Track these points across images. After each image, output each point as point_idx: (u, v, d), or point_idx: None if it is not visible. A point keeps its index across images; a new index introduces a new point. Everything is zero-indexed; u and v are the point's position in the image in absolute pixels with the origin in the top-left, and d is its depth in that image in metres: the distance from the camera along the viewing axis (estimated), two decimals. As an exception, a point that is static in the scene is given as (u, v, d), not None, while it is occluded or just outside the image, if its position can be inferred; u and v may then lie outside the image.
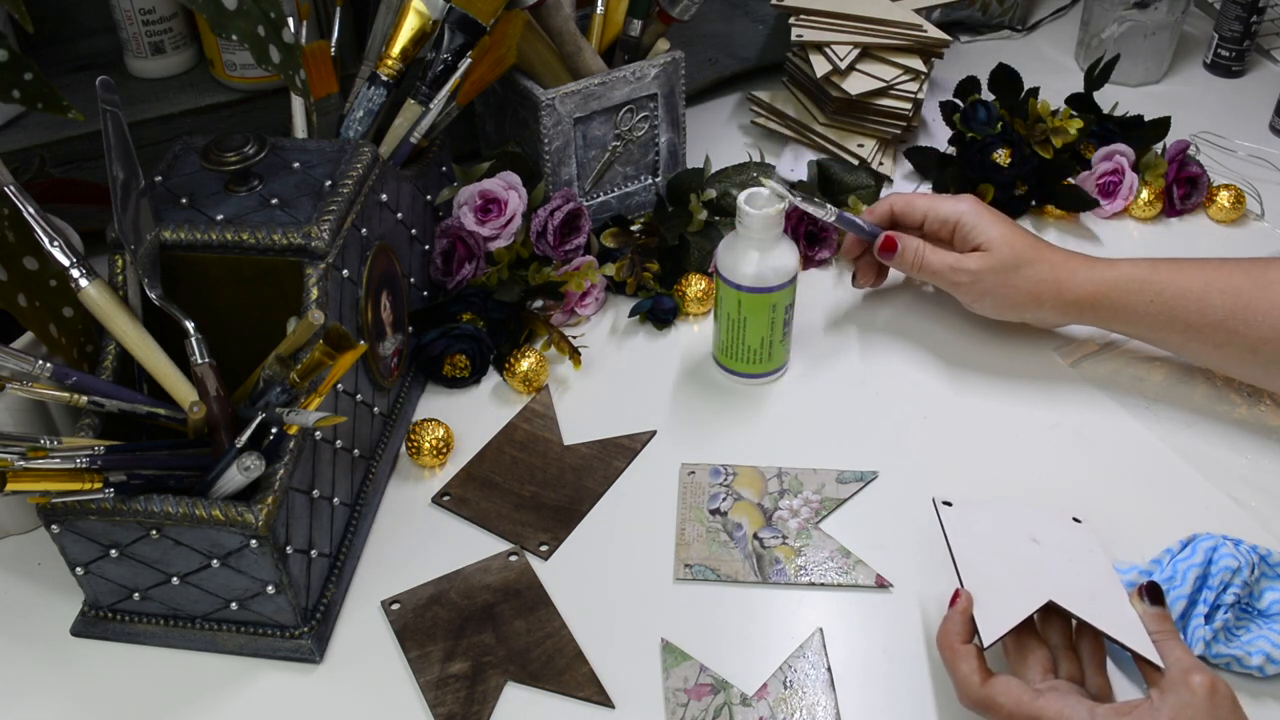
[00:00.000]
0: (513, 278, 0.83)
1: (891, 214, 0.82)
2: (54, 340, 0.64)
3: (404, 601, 0.66)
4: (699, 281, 0.86)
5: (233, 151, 0.65)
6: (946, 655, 0.58)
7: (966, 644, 0.57)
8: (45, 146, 0.85)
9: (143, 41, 0.90)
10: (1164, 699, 0.53)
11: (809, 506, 0.71)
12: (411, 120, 0.78)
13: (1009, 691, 0.55)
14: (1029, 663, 0.58)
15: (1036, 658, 0.58)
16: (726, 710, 0.60)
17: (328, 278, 0.64)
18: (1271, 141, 1.05)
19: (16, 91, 0.61)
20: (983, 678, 0.56)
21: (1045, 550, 0.62)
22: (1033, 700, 0.54)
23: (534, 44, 0.84)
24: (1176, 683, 0.54)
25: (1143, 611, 0.58)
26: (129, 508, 0.58)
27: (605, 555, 0.69)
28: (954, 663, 0.57)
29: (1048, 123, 0.94)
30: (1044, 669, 0.57)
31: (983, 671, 0.56)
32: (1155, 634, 0.57)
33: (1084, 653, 0.59)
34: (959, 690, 0.57)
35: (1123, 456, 0.74)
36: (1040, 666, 0.57)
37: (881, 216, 0.82)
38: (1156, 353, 0.81)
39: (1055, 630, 0.60)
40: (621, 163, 0.91)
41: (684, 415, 0.79)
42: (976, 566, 0.61)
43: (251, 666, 0.64)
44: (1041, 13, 1.26)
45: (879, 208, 0.83)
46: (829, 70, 0.96)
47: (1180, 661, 0.55)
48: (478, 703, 0.61)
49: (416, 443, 0.74)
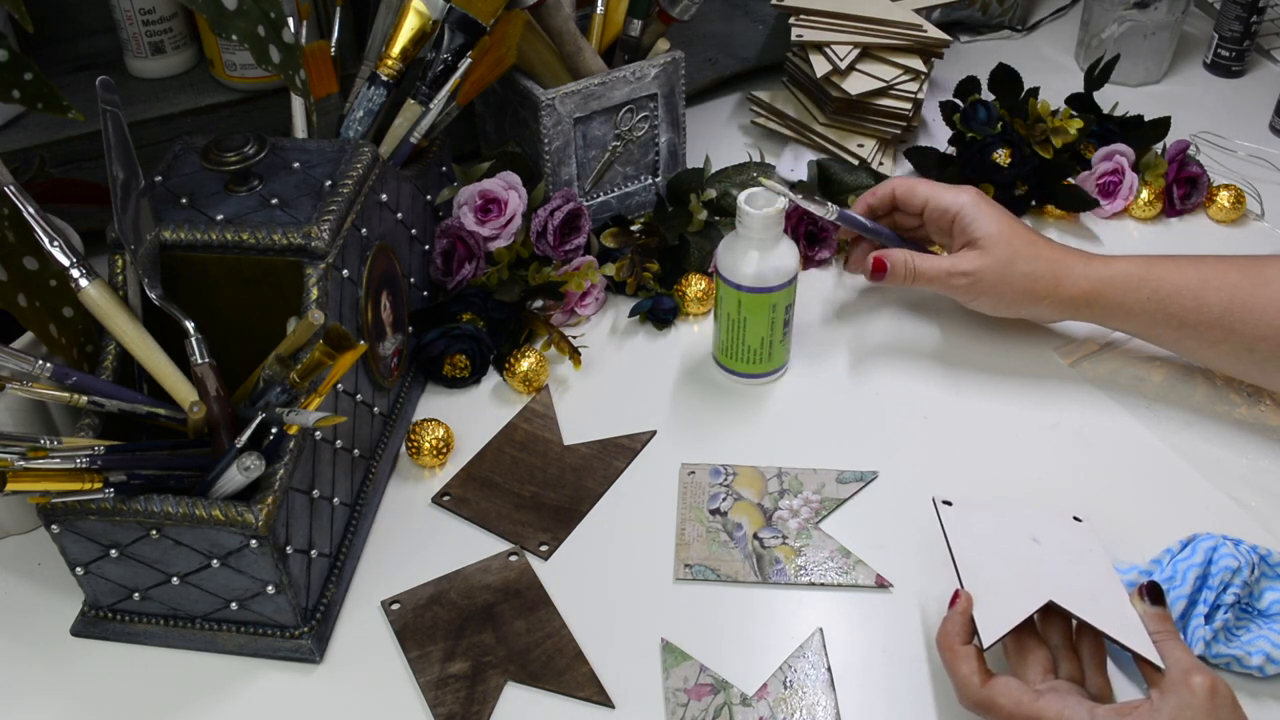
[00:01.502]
0: (513, 278, 0.83)
1: (893, 197, 0.82)
2: (54, 340, 0.64)
3: (404, 601, 0.66)
4: (699, 281, 0.86)
5: (233, 151, 0.65)
6: (946, 656, 0.57)
7: (966, 645, 0.57)
8: (45, 146, 0.85)
9: (143, 41, 0.90)
10: (1164, 699, 0.53)
11: (809, 506, 0.71)
12: (411, 120, 0.78)
13: (1009, 692, 0.55)
14: (1029, 663, 0.58)
15: (1036, 658, 0.58)
16: (726, 710, 0.60)
17: (328, 278, 0.64)
18: (1271, 141, 1.05)
19: (16, 91, 0.61)
20: (983, 679, 0.56)
21: (1045, 550, 0.62)
22: (1033, 701, 0.54)
23: (534, 44, 0.84)
24: (1177, 683, 0.54)
25: (1143, 611, 0.58)
26: (129, 508, 0.58)
27: (605, 555, 0.69)
28: (954, 664, 0.57)
29: (1048, 123, 0.94)
30: (1044, 669, 0.57)
31: (983, 672, 0.56)
32: (1155, 634, 0.57)
33: (1084, 653, 0.59)
34: (959, 691, 0.56)
35: (1123, 456, 0.74)
36: (1040, 667, 0.57)
37: (883, 199, 0.83)
38: (1157, 352, 0.81)
39: (1055, 630, 0.60)
40: (621, 163, 0.91)
41: (684, 415, 0.79)
42: (976, 567, 0.61)
43: (251, 666, 0.64)
44: (1041, 13, 1.26)
45: (881, 189, 0.83)
46: (829, 70, 0.96)
47: (1180, 662, 0.55)
48: (478, 703, 0.61)
49: (416, 443, 0.74)
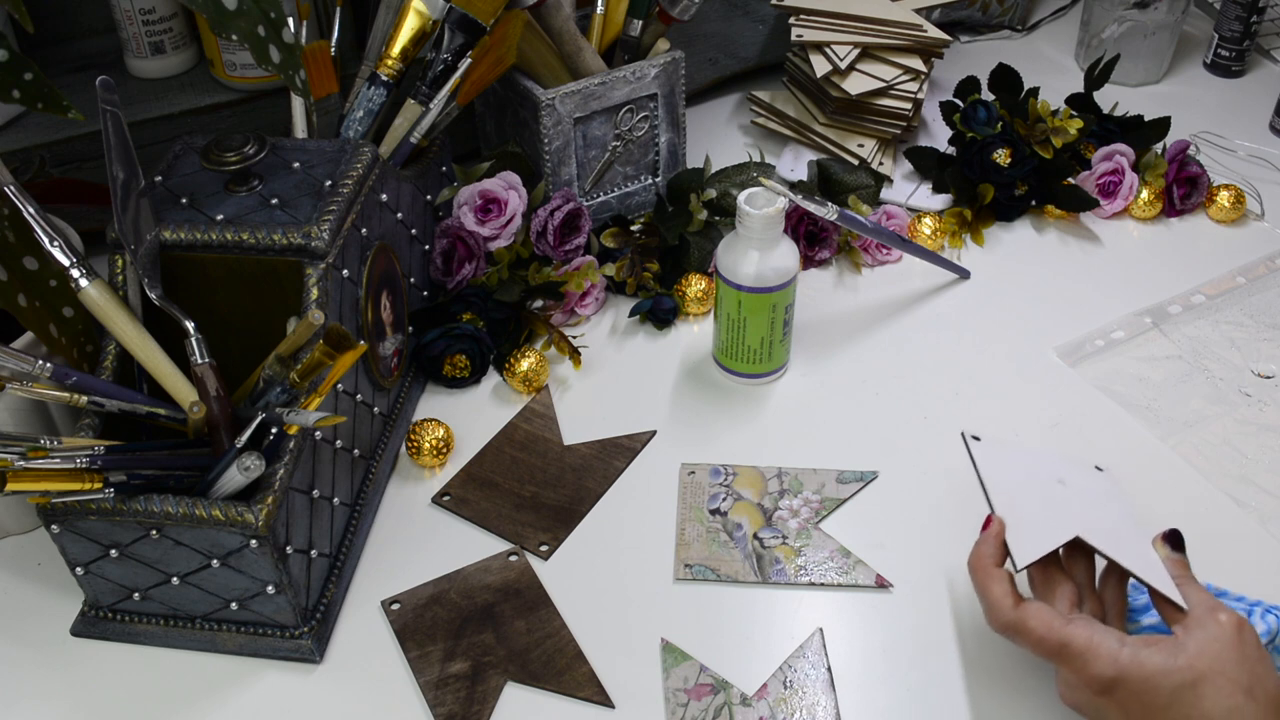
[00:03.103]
0: (513, 278, 0.83)
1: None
2: (54, 340, 0.64)
3: (404, 601, 0.66)
4: (699, 281, 0.86)
5: (233, 151, 0.65)
6: (979, 578, 0.58)
7: (999, 567, 0.58)
8: (45, 146, 0.85)
9: (143, 41, 0.90)
10: (1190, 634, 0.53)
11: (809, 506, 0.71)
12: (411, 120, 0.78)
13: (1040, 615, 0.55)
14: (1056, 595, 0.58)
15: (1063, 591, 0.58)
16: (726, 710, 0.60)
17: (328, 278, 0.64)
18: (1271, 141, 1.05)
19: (16, 91, 0.61)
20: (1015, 601, 0.56)
21: (1071, 491, 0.63)
22: (1063, 626, 0.54)
23: (534, 44, 0.84)
24: (1203, 618, 0.54)
25: (1165, 556, 0.59)
26: (129, 508, 0.58)
27: (605, 555, 0.69)
28: (986, 585, 0.57)
29: (1048, 123, 0.94)
30: (1071, 602, 0.58)
31: (1015, 595, 0.56)
32: (1176, 578, 0.57)
33: (1107, 597, 0.59)
34: (990, 613, 0.57)
35: (1123, 456, 0.74)
36: (1067, 600, 0.58)
37: None
38: (1157, 352, 0.81)
39: (1080, 569, 0.60)
40: (621, 163, 0.91)
41: (684, 415, 0.79)
42: (1008, 497, 0.61)
43: (251, 666, 0.64)
44: (1041, 13, 1.26)
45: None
46: (829, 70, 0.96)
47: (1204, 601, 0.55)
48: (478, 703, 0.61)
49: (416, 443, 0.74)
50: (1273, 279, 0.89)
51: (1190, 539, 0.60)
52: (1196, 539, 0.62)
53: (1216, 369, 0.80)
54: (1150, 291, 0.88)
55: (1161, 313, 0.86)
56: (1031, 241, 0.94)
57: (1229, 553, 0.67)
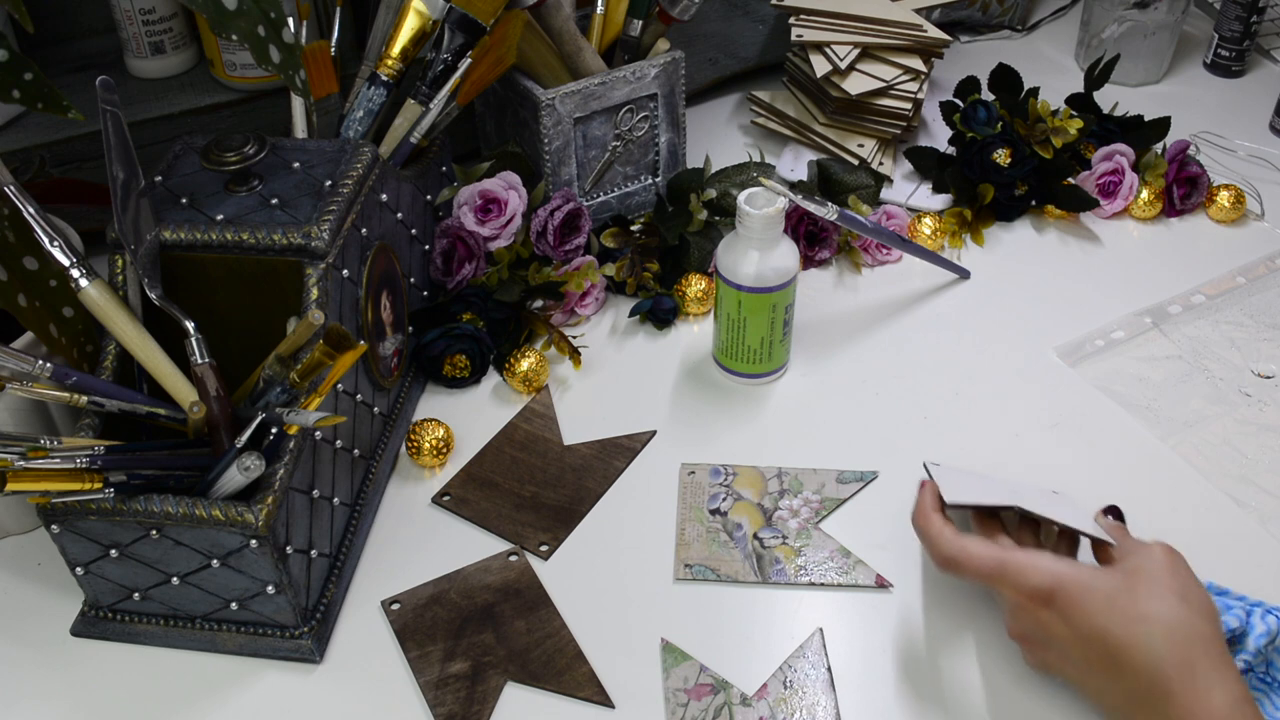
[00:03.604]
0: (513, 278, 0.83)
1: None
2: (54, 340, 0.64)
3: (404, 601, 0.66)
4: (699, 281, 0.86)
5: (233, 151, 0.65)
6: (919, 523, 0.61)
7: (937, 512, 0.61)
8: (45, 146, 0.85)
9: (143, 41, 0.90)
10: (1124, 556, 0.57)
11: (809, 506, 0.71)
12: (411, 120, 0.78)
13: (979, 543, 0.58)
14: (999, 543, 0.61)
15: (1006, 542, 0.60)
16: (726, 710, 0.60)
17: (328, 278, 0.64)
18: (1271, 141, 1.05)
19: (16, 91, 0.61)
20: (954, 533, 0.59)
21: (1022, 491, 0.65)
22: (1003, 550, 0.57)
23: (534, 44, 0.84)
24: (1135, 546, 0.57)
25: (1105, 525, 0.62)
26: (129, 508, 0.58)
27: (605, 555, 0.69)
28: (925, 527, 0.60)
29: (1048, 123, 0.94)
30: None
31: (954, 530, 0.59)
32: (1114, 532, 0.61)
33: None
34: (933, 549, 0.60)
35: (1123, 456, 0.74)
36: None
37: None
38: (1157, 352, 0.81)
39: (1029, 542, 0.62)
40: (621, 163, 0.91)
41: (684, 415, 0.79)
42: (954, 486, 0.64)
43: (251, 666, 0.64)
44: (1041, 13, 1.26)
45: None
46: (829, 70, 0.96)
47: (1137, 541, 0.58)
48: (478, 703, 0.61)
49: (416, 443, 0.74)
50: (1273, 279, 0.89)
51: (1190, 539, 0.60)
52: (1196, 539, 0.62)
53: (1216, 369, 0.80)
54: (1150, 291, 0.88)
55: (1161, 313, 0.86)
56: (1031, 241, 0.94)
57: (1229, 553, 0.67)
